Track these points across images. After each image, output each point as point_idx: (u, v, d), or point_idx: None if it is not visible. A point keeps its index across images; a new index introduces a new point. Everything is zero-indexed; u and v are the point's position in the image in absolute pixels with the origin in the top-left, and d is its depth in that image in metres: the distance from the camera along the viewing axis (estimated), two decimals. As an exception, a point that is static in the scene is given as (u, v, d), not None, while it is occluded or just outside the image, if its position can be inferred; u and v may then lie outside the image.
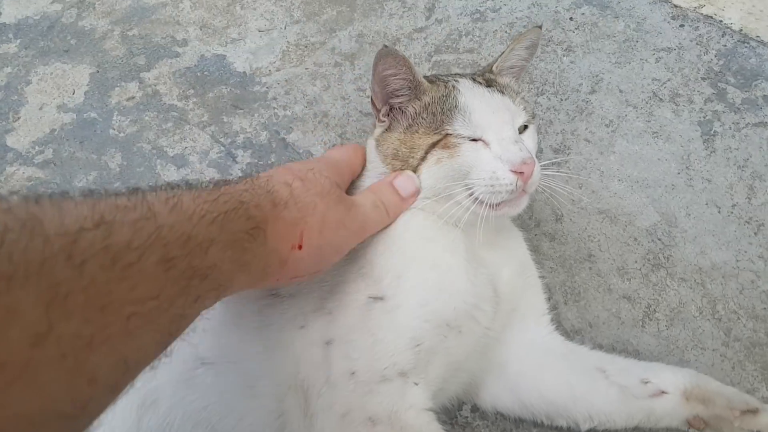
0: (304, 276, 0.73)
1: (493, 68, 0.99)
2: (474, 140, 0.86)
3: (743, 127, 1.20)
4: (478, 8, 1.44)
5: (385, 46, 0.85)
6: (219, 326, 0.80)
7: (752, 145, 1.17)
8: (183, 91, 1.35)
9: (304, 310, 0.80)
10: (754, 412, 0.80)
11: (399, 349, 0.77)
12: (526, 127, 0.92)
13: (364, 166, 0.94)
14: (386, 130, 0.93)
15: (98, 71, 1.40)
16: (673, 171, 1.16)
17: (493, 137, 0.86)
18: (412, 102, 0.90)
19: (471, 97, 0.89)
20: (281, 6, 1.47)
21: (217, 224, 0.56)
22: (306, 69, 1.36)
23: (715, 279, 1.04)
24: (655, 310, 1.02)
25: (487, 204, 0.85)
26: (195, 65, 1.39)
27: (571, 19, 1.40)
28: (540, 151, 1.20)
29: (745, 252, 1.06)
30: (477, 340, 0.87)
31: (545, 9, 1.42)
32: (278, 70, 1.36)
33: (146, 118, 1.31)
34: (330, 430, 0.75)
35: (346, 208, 0.76)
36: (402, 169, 0.88)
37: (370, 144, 0.96)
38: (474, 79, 0.94)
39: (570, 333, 1.01)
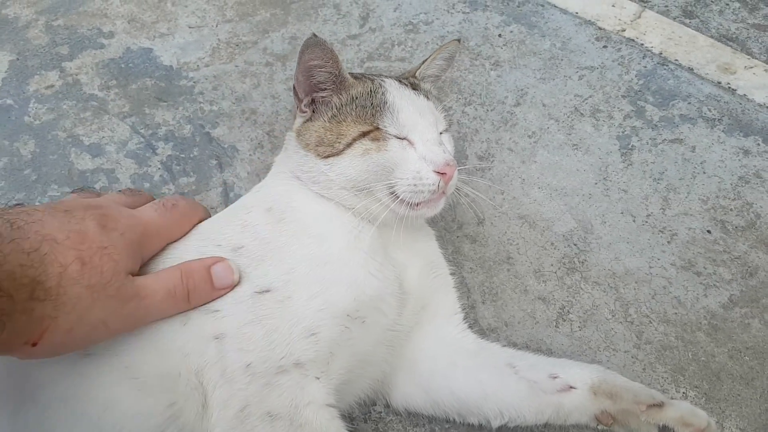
0: (29, 359, 0.67)
1: (416, 74, 1.01)
2: (399, 139, 0.86)
3: (660, 143, 1.24)
4: (411, 20, 1.46)
5: (314, 35, 0.84)
6: None
7: (668, 159, 1.21)
8: (105, 81, 1.31)
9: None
10: (659, 406, 0.80)
11: (293, 338, 0.75)
12: (441, 133, 0.92)
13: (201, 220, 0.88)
14: (308, 120, 0.92)
15: (18, 59, 1.35)
16: (590, 181, 1.18)
17: (418, 138, 0.87)
18: (336, 94, 0.90)
19: (399, 97, 0.90)
20: (214, 5, 1.46)
21: None
22: (236, 66, 1.35)
23: (628, 284, 1.05)
24: (569, 311, 1.02)
25: (407, 203, 0.85)
26: (120, 57, 1.35)
27: (499, 35, 1.43)
28: (465, 158, 1.21)
29: (658, 259, 1.08)
30: (384, 333, 0.85)
31: (475, 25, 1.45)
32: (207, 65, 1.34)
33: (64, 106, 1.26)
34: (227, 425, 0.72)
35: (120, 303, 0.67)
36: (329, 155, 0.87)
37: (290, 137, 0.95)
38: (400, 81, 0.95)
39: (486, 331, 1.00)
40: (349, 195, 0.87)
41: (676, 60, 1.37)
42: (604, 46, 1.40)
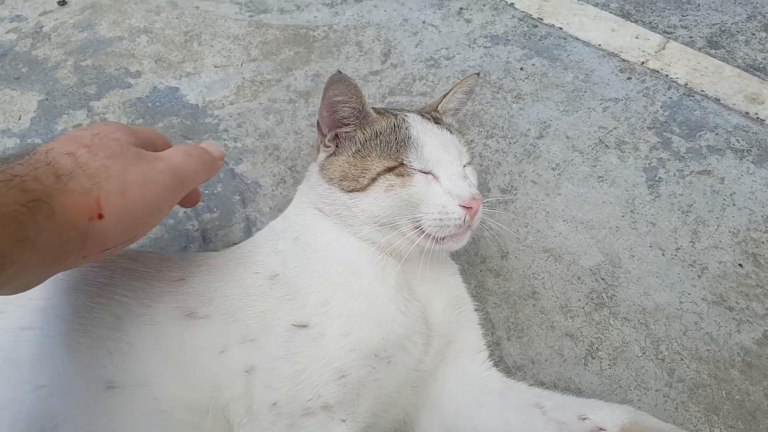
0: (117, 246, 0.65)
1: (438, 108, 1.01)
2: (424, 173, 0.86)
3: (687, 175, 1.22)
4: (433, 56, 1.47)
5: (339, 72, 0.85)
6: (127, 348, 0.74)
7: (696, 191, 1.19)
8: (132, 120, 1.33)
9: (224, 335, 0.77)
10: (693, 448, 0.77)
11: (323, 379, 0.74)
12: (464, 166, 0.92)
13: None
14: (331, 155, 0.92)
15: (47, 99, 1.38)
16: (617, 214, 1.16)
17: (443, 172, 0.86)
18: (360, 129, 0.90)
19: (422, 131, 0.90)
20: (239, 44, 1.49)
21: None
22: (260, 104, 1.36)
23: (658, 320, 1.03)
24: (597, 348, 1.00)
25: (432, 237, 0.84)
26: (146, 96, 1.38)
27: (521, 69, 1.43)
28: (488, 190, 1.20)
29: (689, 294, 1.05)
30: (408, 373, 0.84)
31: (497, 59, 1.45)
32: (232, 103, 1.36)
33: (92, 145, 1.28)
34: None
35: (148, 163, 0.67)
36: (354, 190, 0.86)
37: (313, 169, 0.95)
38: (423, 116, 0.95)
39: (512, 369, 0.98)
40: (372, 230, 0.87)
41: (702, 91, 1.36)
42: (628, 78, 1.39)
